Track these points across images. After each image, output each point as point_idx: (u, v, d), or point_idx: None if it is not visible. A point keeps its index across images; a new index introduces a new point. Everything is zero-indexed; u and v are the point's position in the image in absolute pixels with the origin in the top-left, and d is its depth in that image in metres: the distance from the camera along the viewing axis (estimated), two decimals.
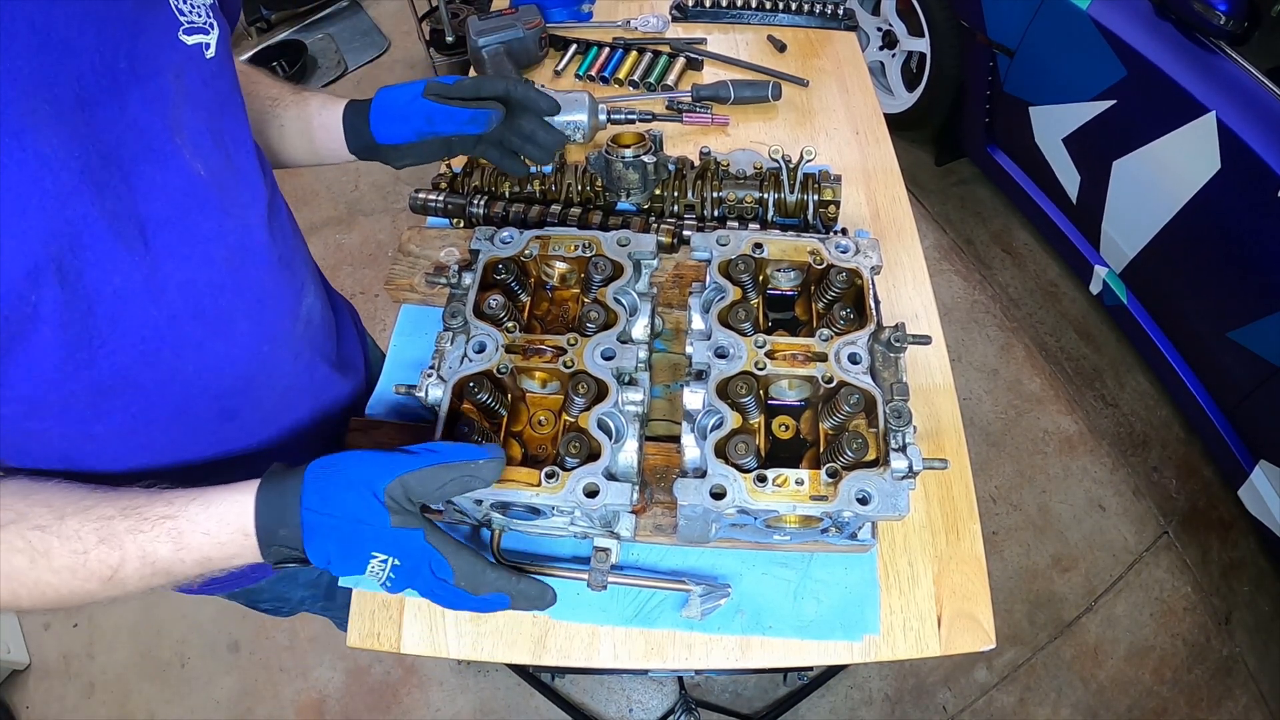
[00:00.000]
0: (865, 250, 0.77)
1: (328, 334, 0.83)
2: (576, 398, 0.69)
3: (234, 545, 0.58)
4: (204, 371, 0.65)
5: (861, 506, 0.61)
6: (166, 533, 0.57)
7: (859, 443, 0.63)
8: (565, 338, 0.72)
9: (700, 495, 0.62)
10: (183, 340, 0.62)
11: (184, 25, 0.59)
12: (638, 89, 1.27)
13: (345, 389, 0.88)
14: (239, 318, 0.66)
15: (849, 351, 0.69)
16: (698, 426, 0.67)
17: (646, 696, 1.76)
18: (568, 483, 0.63)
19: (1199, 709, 1.74)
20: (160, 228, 0.57)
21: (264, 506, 0.57)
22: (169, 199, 0.58)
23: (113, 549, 0.56)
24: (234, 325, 0.66)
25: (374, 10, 3.44)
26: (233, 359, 0.67)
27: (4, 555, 0.55)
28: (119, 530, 0.56)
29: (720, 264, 0.77)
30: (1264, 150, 1.51)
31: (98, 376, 0.57)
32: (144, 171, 0.56)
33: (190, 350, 0.63)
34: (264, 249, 0.68)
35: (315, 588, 0.98)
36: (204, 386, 0.66)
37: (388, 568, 0.58)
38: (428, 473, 0.57)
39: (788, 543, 0.75)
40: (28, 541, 0.55)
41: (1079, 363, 2.26)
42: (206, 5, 0.62)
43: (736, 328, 0.72)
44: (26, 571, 0.55)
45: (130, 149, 0.55)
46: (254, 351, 0.69)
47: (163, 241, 0.58)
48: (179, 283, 0.60)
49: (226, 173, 0.64)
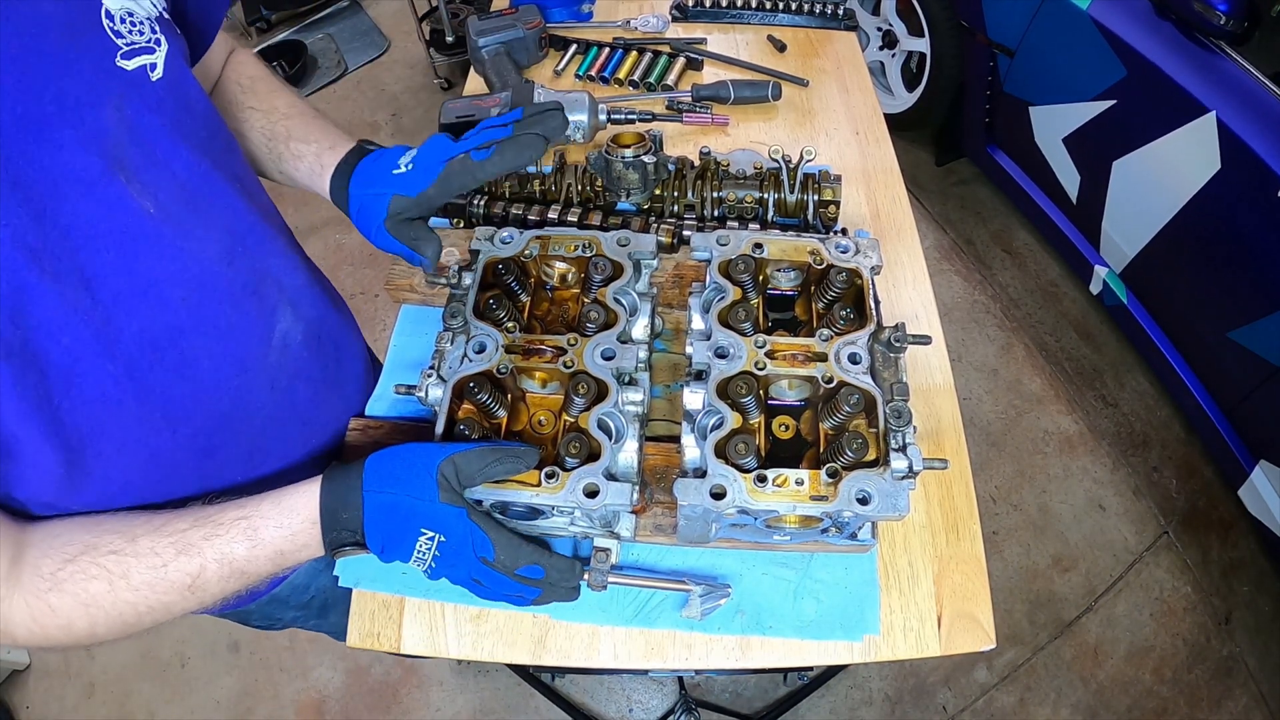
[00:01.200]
0: (865, 250, 0.77)
1: (315, 355, 0.79)
2: (576, 398, 0.69)
3: (304, 535, 0.62)
4: (172, 416, 0.63)
5: (862, 506, 0.61)
6: (242, 532, 0.60)
7: (859, 443, 0.63)
8: (565, 338, 0.72)
9: (700, 495, 0.62)
10: (145, 389, 0.59)
11: (122, 49, 0.55)
12: (638, 89, 1.27)
13: (344, 408, 0.86)
14: (201, 357, 0.63)
15: (849, 351, 0.69)
16: (698, 426, 0.67)
17: (646, 696, 1.76)
18: (568, 483, 0.63)
19: (1199, 709, 1.74)
20: (107, 277, 0.55)
21: (328, 493, 0.62)
22: (114, 245, 0.55)
23: (191, 557, 0.59)
24: (197, 366, 0.63)
25: (374, 10, 3.44)
26: (200, 399, 0.65)
27: (81, 584, 0.56)
28: (195, 539, 0.59)
29: (720, 264, 0.77)
30: (1264, 150, 1.51)
31: (65, 435, 0.55)
32: (84, 220, 0.53)
33: (155, 396, 0.61)
34: (226, 282, 0.65)
35: (305, 609, 0.98)
36: (173, 430, 0.64)
37: (434, 545, 0.61)
38: (475, 454, 0.61)
39: (788, 543, 0.75)
40: (103, 567, 0.57)
41: (1079, 363, 2.26)
42: (151, 19, 0.57)
43: (736, 328, 0.72)
44: (105, 595, 0.57)
45: (67, 197, 0.51)
46: (223, 388, 0.67)
47: (110, 291, 0.55)
48: (133, 332, 0.57)
49: (180, 205, 0.60)
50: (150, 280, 0.58)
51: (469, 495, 0.63)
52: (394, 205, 0.74)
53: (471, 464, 0.61)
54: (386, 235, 0.75)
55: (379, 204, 0.74)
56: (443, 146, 0.74)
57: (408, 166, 0.74)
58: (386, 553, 0.62)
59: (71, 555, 0.57)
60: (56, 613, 0.56)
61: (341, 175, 0.78)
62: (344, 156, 0.79)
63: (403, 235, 0.75)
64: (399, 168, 0.74)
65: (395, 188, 0.74)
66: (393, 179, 0.74)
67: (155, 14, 0.59)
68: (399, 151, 0.77)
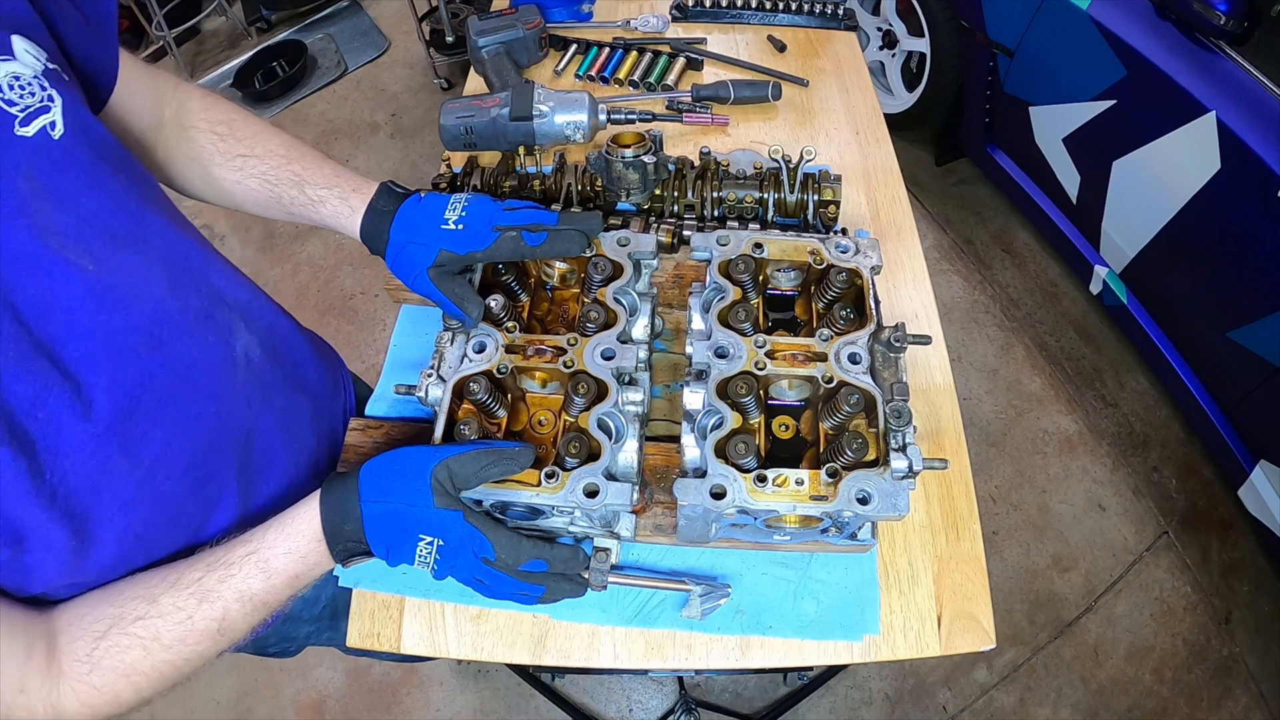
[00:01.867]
0: (865, 250, 0.77)
1: (276, 365, 0.78)
2: (576, 398, 0.69)
3: (314, 554, 0.63)
4: (160, 461, 0.63)
5: (862, 506, 0.61)
6: (254, 566, 0.61)
7: (859, 443, 0.63)
8: (565, 338, 0.72)
9: (700, 495, 0.62)
10: (128, 442, 0.60)
11: (18, 117, 0.53)
12: (638, 89, 1.27)
13: (321, 411, 0.86)
14: (175, 395, 0.63)
15: (849, 351, 0.69)
16: (698, 426, 0.67)
17: (646, 696, 1.76)
18: (568, 483, 0.63)
19: (1199, 709, 1.74)
20: (65, 343, 0.55)
21: (327, 508, 0.63)
22: (67, 315, 0.55)
23: (213, 603, 0.60)
24: (171, 406, 0.63)
25: (374, 10, 3.44)
26: (182, 438, 0.65)
27: (117, 656, 0.58)
28: (211, 584, 0.61)
29: (720, 264, 0.77)
30: (1264, 150, 1.51)
31: (68, 508, 0.56)
32: (31, 294, 0.53)
33: (139, 447, 0.61)
34: (178, 314, 0.64)
35: (318, 622, 0.97)
36: (165, 474, 0.64)
37: (434, 549, 0.62)
38: (469, 457, 0.62)
39: (788, 543, 0.75)
40: (134, 635, 0.58)
41: (1079, 363, 2.26)
42: (38, 76, 0.55)
43: (736, 328, 0.72)
44: (143, 661, 0.58)
45: (8, 281, 0.51)
46: (203, 420, 0.67)
47: (75, 358, 0.55)
48: (103, 389, 0.57)
49: (116, 251, 0.59)
50: (107, 335, 0.58)
51: (468, 496, 0.63)
52: (440, 258, 0.73)
53: (466, 467, 0.61)
54: (429, 283, 0.74)
55: (424, 254, 0.73)
56: (490, 211, 0.74)
57: (458, 225, 0.74)
58: (392, 558, 0.63)
59: (101, 632, 0.58)
60: (102, 691, 0.57)
61: (379, 219, 0.76)
62: (374, 200, 0.77)
63: (446, 288, 0.74)
64: (447, 223, 0.74)
65: (444, 243, 0.73)
66: (441, 234, 0.73)
67: (40, 69, 0.56)
68: (440, 202, 0.76)
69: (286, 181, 0.78)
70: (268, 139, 0.80)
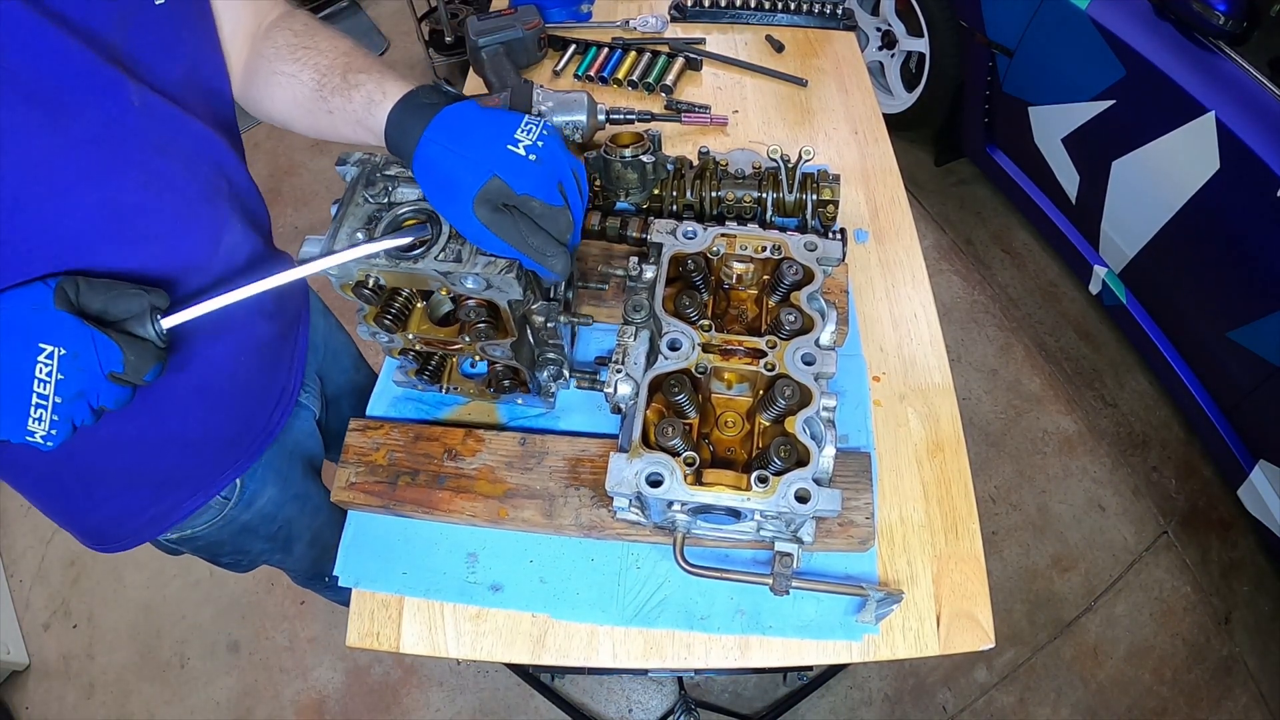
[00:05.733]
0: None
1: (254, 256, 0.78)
2: (781, 400, 0.68)
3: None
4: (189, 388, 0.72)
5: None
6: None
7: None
8: (764, 340, 0.71)
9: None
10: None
11: None
12: (636, 89, 1.27)
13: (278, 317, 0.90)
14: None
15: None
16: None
17: (646, 697, 1.76)
18: (779, 487, 0.62)
19: (1199, 709, 1.74)
20: None
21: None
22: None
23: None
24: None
25: (373, 10, 3.43)
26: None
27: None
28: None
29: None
30: (1263, 150, 1.51)
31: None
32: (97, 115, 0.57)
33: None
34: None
35: (273, 541, 0.98)
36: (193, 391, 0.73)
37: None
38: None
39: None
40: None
41: (1079, 363, 2.26)
42: None
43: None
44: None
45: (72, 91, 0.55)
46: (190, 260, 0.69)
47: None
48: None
49: (162, 106, 0.63)
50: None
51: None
52: (490, 188, 0.58)
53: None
54: (476, 223, 0.59)
55: (470, 175, 0.59)
56: (563, 162, 0.63)
57: (530, 155, 0.59)
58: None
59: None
60: None
61: (415, 113, 0.63)
62: (415, 90, 0.66)
63: (509, 233, 0.60)
64: (516, 144, 0.60)
65: (501, 168, 0.59)
66: (504, 156, 0.59)
67: None
68: (512, 121, 0.62)
69: (335, 70, 0.72)
70: (337, 40, 0.77)
